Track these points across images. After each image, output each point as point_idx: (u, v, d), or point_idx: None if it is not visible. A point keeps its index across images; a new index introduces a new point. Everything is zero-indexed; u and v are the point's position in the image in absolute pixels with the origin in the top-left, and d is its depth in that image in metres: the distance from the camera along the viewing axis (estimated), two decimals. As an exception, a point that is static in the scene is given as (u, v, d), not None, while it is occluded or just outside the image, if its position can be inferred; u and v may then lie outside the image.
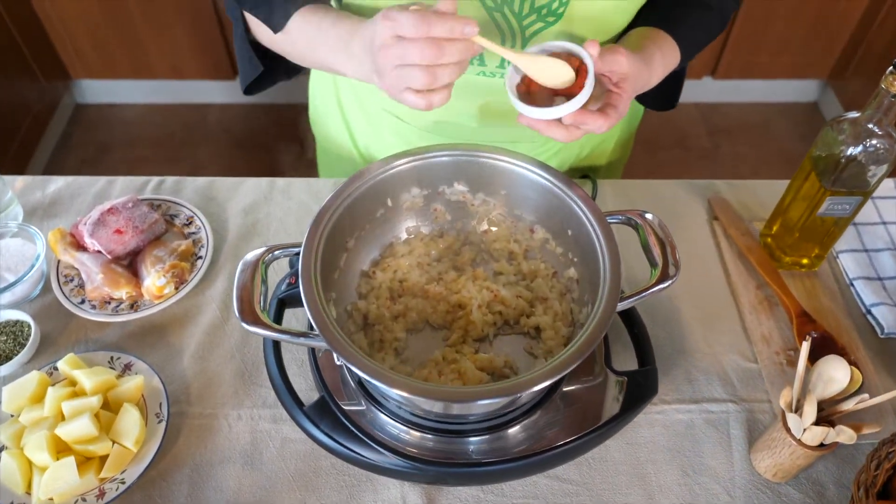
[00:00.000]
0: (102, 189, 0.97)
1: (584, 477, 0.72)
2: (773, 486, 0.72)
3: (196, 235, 0.89)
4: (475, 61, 0.77)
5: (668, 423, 0.76)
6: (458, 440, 0.67)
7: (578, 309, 0.72)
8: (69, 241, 0.84)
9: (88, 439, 0.66)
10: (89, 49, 2.16)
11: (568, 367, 0.57)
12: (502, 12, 0.70)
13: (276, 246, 0.67)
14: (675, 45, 0.74)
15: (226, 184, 0.98)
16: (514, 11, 0.70)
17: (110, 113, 2.35)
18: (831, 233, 0.84)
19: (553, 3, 0.70)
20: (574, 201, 0.69)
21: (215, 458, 0.71)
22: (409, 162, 0.71)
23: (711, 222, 0.95)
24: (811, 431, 0.65)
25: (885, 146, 0.73)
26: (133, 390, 0.71)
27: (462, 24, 0.55)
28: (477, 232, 0.79)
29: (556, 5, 0.70)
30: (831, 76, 2.29)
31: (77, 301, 0.81)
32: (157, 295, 0.81)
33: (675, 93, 0.88)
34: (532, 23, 0.72)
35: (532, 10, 0.70)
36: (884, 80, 0.69)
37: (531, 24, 0.72)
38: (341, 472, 0.71)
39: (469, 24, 0.55)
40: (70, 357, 0.72)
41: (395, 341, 0.71)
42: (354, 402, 0.70)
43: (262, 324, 0.60)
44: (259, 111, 2.36)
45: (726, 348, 0.82)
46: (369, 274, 0.76)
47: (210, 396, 0.76)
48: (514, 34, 0.73)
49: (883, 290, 0.87)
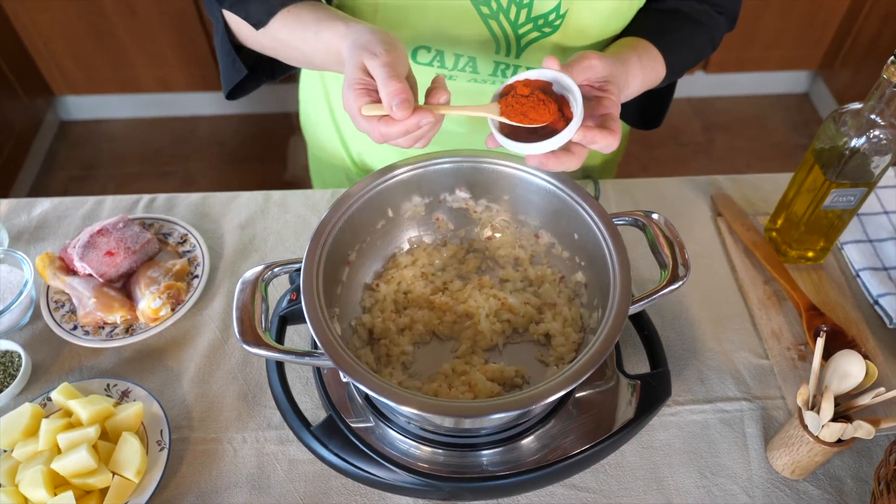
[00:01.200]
0: (91, 209, 0.94)
1: (601, 484, 0.70)
2: (792, 484, 0.70)
3: (191, 254, 0.86)
4: (467, 68, 0.75)
5: (683, 424, 0.74)
6: (471, 454, 0.66)
7: (588, 313, 0.70)
8: (58, 265, 0.82)
9: (87, 472, 0.64)
10: (72, 64, 2.13)
11: (582, 376, 0.55)
12: (498, 20, 0.69)
13: (276, 263, 0.65)
14: (658, 53, 0.71)
15: (220, 199, 0.95)
16: (510, 20, 0.69)
17: (96, 129, 2.32)
18: (836, 225, 0.83)
19: (550, 15, 0.69)
20: (579, 203, 0.67)
21: (221, 484, 0.69)
22: (409, 170, 0.69)
23: (715, 219, 0.94)
24: (829, 428, 0.64)
25: (889, 136, 0.72)
26: (132, 418, 0.69)
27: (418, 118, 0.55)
28: (481, 239, 0.77)
29: (553, 17, 0.69)
30: (821, 67, 2.31)
31: (69, 327, 0.79)
32: (153, 317, 0.79)
33: (663, 109, 0.85)
34: (528, 32, 0.71)
35: (529, 19, 0.69)
36: (885, 70, 0.68)
37: (527, 34, 0.71)
38: (352, 492, 0.69)
39: (425, 116, 0.55)
40: (64, 386, 0.70)
41: (403, 355, 0.69)
42: (362, 418, 0.68)
43: (265, 345, 0.59)
44: (251, 121, 2.33)
45: (737, 346, 0.81)
46: (373, 287, 0.74)
47: (213, 420, 0.74)
48: (509, 43, 0.72)
49: (889, 280, 0.86)
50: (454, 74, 0.76)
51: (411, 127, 0.55)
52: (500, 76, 0.76)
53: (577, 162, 0.60)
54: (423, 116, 0.55)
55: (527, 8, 0.69)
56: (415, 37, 0.72)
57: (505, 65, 0.75)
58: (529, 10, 0.69)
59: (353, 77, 0.57)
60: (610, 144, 0.59)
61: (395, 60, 0.56)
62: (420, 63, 0.75)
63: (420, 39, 0.72)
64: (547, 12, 0.69)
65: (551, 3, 0.68)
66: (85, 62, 2.13)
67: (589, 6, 0.70)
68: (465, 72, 0.75)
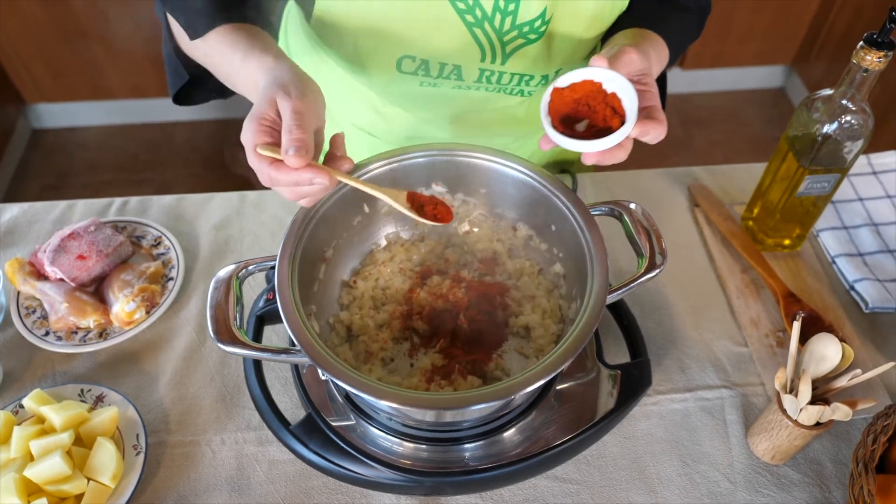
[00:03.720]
0: (62, 214, 0.92)
1: (584, 475, 0.70)
2: (772, 469, 0.71)
3: (165, 256, 0.85)
4: (452, 76, 0.75)
5: (664, 413, 0.75)
6: (454, 448, 0.65)
7: (567, 304, 0.70)
8: (28, 270, 0.80)
9: (61, 479, 0.63)
10: (43, 71, 2.09)
11: (561, 365, 0.55)
12: (483, 28, 0.69)
13: (250, 261, 0.64)
14: (664, 43, 0.72)
15: (194, 200, 0.94)
16: (494, 28, 0.69)
17: (69, 137, 2.28)
18: (811, 212, 0.84)
19: (535, 22, 0.69)
20: (555, 195, 0.67)
21: (200, 486, 0.68)
22: (383, 165, 0.69)
23: (693, 209, 0.95)
24: (807, 411, 0.64)
25: (860, 121, 0.73)
26: (107, 423, 0.68)
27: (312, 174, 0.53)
28: (458, 234, 0.77)
29: (538, 23, 0.69)
30: (796, 61, 2.34)
31: (41, 333, 0.77)
32: (128, 321, 0.77)
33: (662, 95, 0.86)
34: (513, 39, 0.71)
35: (513, 26, 0.69)
36: (855, 54, 0.69)
37: (512, 41, 0.71)
38: (334, 490, 0.68)
39: (319, 175, 0.54)
40: (36, 393, 0.68)
41: (382, 351, 0.68)
42: (343, 417, 0.67)
43: (240, 343, 0.58)
44: (229, 127, 2.30)
45: (716, 334, 0.82)
46: (350, 284, 0.73)
47: (190, 423, 0.72)
48: (494, 50, 0.72)
49: (864, 265, 0.87)
50: (438, 82, 0.76)
51: (303, 180, 0.54)
52: (486, 83, 0.76)
53: (626, 154, 0.60)
54: (317, 175, 0.54)
55: (511, 15, 0.68)
56: (399, 46, 0.72)
57: (490, 72, 0.75)
58: (514, 17, 0.69)
59: (260, 111, 0.55)
60: (660, 135, 0.60)
61: (306, 109, 0.54)
62: (405, 72, 0.75)
63: (404, 49, 0.72)
64: (532, 19, 0.69)
65: (536, 10, 0.68)
66: (56, 69, 2.09)
67: (573, 11, 0.70)
68: (450, 79, 0.75)
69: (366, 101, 0.84)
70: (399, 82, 0.76)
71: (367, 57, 0.74)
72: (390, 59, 0.73)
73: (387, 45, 0.72)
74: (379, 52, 0.73)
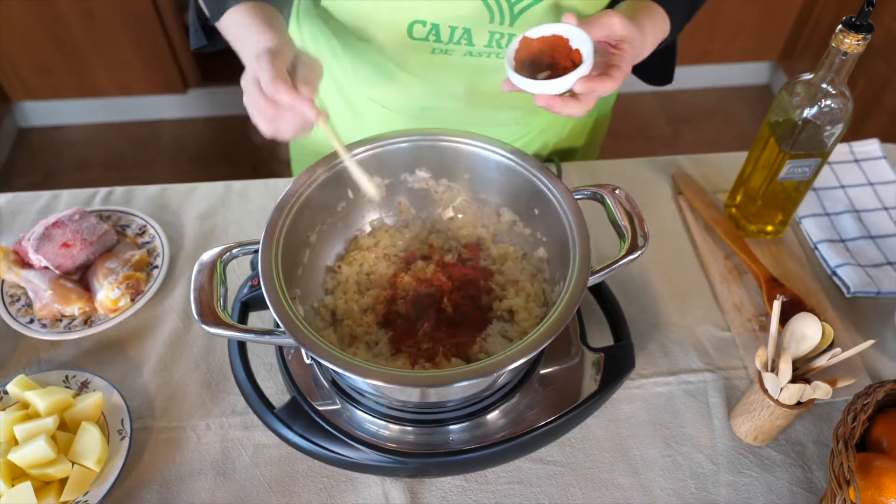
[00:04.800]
0: (46, 204, 0.92)
1: (568, 457, 0.70)
2: (755, 450, 0.72)
3: (150, 245, 0.85)
4: (462, 41, 0.75)
5: (648, 396, 0.75)
6: (438, 429, 0.66)
7: (550, 288, 0.71)
8: (13, 258, 0.80)
9: (45, 462, 0.62)
10: (29, 69, 2.08)
11: (543, 343, 0.56)
12: None
13: (234, 244, 0.64)
14: (665, 14, 0.74)
15: (179, 190, 0.94)
16: None
17: (56, 135, 2.27)
18: (793, 198, 0.85)
19: None
20: (539, 179, 0.68)
21: (185, 471, 0.68)
22: (367, 150, 0.69)
23: (676, 198, 0.96)
24: (788, 390, 0.65)
25: (840, 105, 0.74)
26: (91, 408, 0.67)
27: (303, 106, 0.58)
28: (443, 220, 0.77)
29: None
30: (781, 57, 2.36)
31: (25, 321, 0.77)
32: (112, 308, 0.77)
33: (671, 65, 0.88)
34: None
35: None
36: (834, 38, 0.70)
37: (520, 1, 0.71)
38: (319, 473, 0.68)
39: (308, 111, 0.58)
40: (20, 378, 0.68)
41: (367, 335, 0.69)
42: (329, 401, 0.68)
43: (224, 324, 0.58)
44: (215, 124, 2.29)
45: (699, 319, 0.82)
46: (335, 269, 0.73)
47: (175, 409, 0.72)
48: (502, 10, 0.72)
49: (846, 251, 0.88)
50: (450, 48, 0.77)
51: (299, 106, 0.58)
52: (496, 47, 0.76)
53: (583, 109, 0.64)
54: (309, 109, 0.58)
55: None
56: (410, 11, 0.72)
57: (500, 34, 0.75)
58: None
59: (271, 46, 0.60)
60: (609, 89, 0.64)
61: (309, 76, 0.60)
62: (416, 38, 0.75)
63: (414, 13, 0.72)
64: None
65: None
66: (43, 67, 2.08)
67: None
68: (461, 45, 0.75)
69: (380, 70, 0.85)
70: (411, 50, 0.77)
71: (379, 24, 0.75)
72: (401, 25, 0.74)
73: (397, 11, 0.72)
74: (390, 18, 0.74)
